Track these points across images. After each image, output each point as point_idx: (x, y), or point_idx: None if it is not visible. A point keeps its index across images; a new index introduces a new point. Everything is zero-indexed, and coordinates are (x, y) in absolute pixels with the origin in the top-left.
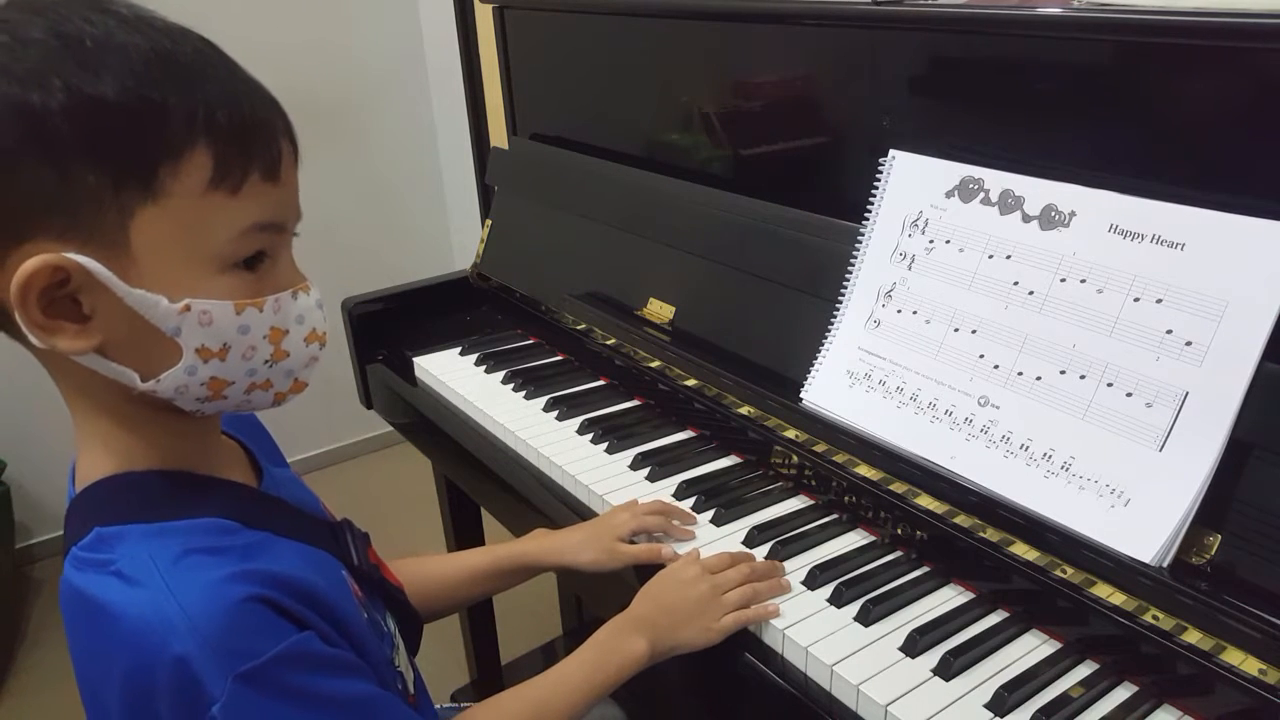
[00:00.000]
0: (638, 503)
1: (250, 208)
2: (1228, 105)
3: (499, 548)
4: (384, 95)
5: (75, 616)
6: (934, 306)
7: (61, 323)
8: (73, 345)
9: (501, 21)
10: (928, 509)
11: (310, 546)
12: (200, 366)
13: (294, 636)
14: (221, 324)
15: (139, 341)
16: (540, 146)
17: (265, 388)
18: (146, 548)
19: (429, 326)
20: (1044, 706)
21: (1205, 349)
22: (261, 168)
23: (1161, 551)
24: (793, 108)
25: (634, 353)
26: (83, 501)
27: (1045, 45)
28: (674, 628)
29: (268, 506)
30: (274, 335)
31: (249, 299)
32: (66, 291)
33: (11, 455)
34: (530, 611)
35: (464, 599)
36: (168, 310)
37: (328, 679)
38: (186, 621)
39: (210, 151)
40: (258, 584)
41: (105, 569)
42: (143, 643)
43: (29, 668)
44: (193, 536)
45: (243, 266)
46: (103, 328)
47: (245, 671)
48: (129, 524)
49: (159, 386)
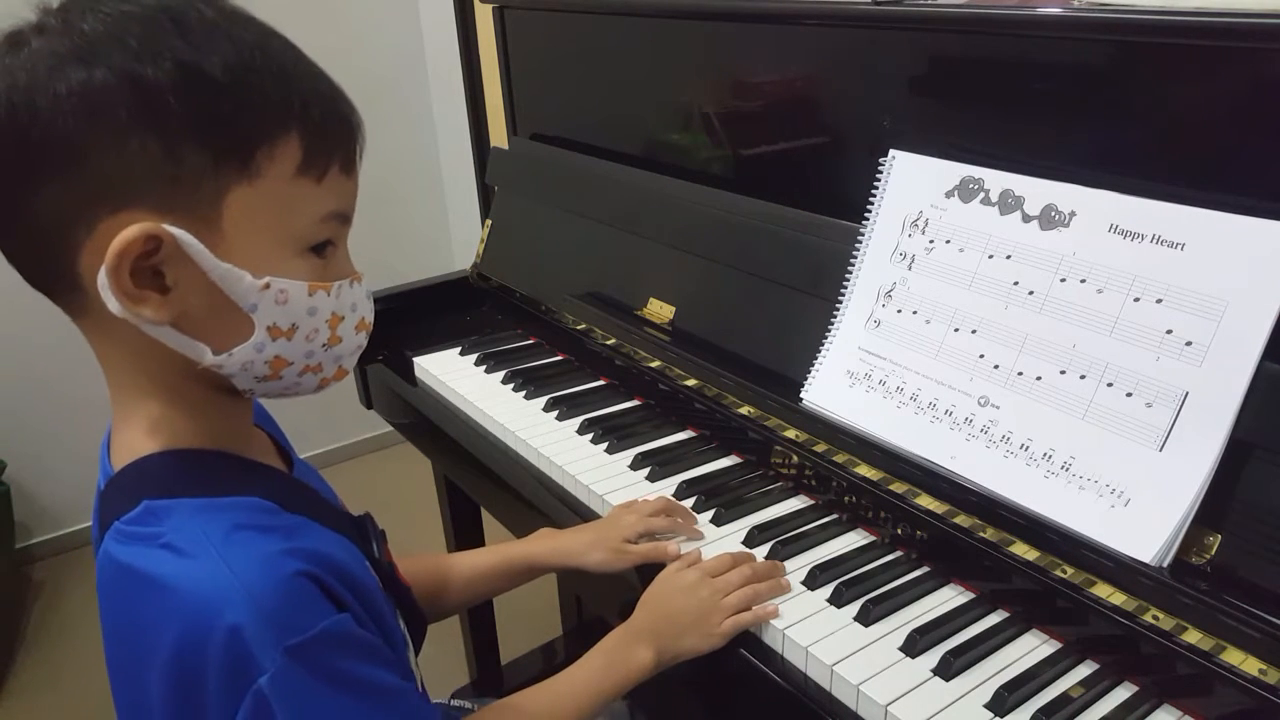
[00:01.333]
0: (643, 502)
1: (329, 197)
2: (1228, 105)
3: (506, 547)
4: (384, 95)
5: (118, 590)
6: (934, 306)
7: (147, 292)
8: (155, 315)
9: (501, 21)
10: (928, 509)
11: (340, 535)
12: (268, 344)
13: (335, 615)
14: (295, 304)
15: (214, 315)
16: (540, 146)
17: (316, 371)
18: (197, 521)
19: (429, 326)
20: (1044, 706)
21: (1205, 349)
22: (341, 160)
23: (1161, 551)
24: (793, 108)
25: (634, 353)
26: (128, 476)
27: (1045, 45)
28: (677, 636)
29: (302, 493)
30: (333, 320)
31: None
32: (152, 262)
33: (11, 455)
34: (530, 611)
35: (472, 598)
36: (250, 286)
37: (364, 664)
38: (242, 592)
39: (301, 140)
40: (306, 560)
41: (154, 542)
42: (198, 613)
43: (29, 668)
44: (240, 513)
45: (313, 252)
46: (183, 299)
47: (294, 645)
48: (178, 498)
49: (228, 361)
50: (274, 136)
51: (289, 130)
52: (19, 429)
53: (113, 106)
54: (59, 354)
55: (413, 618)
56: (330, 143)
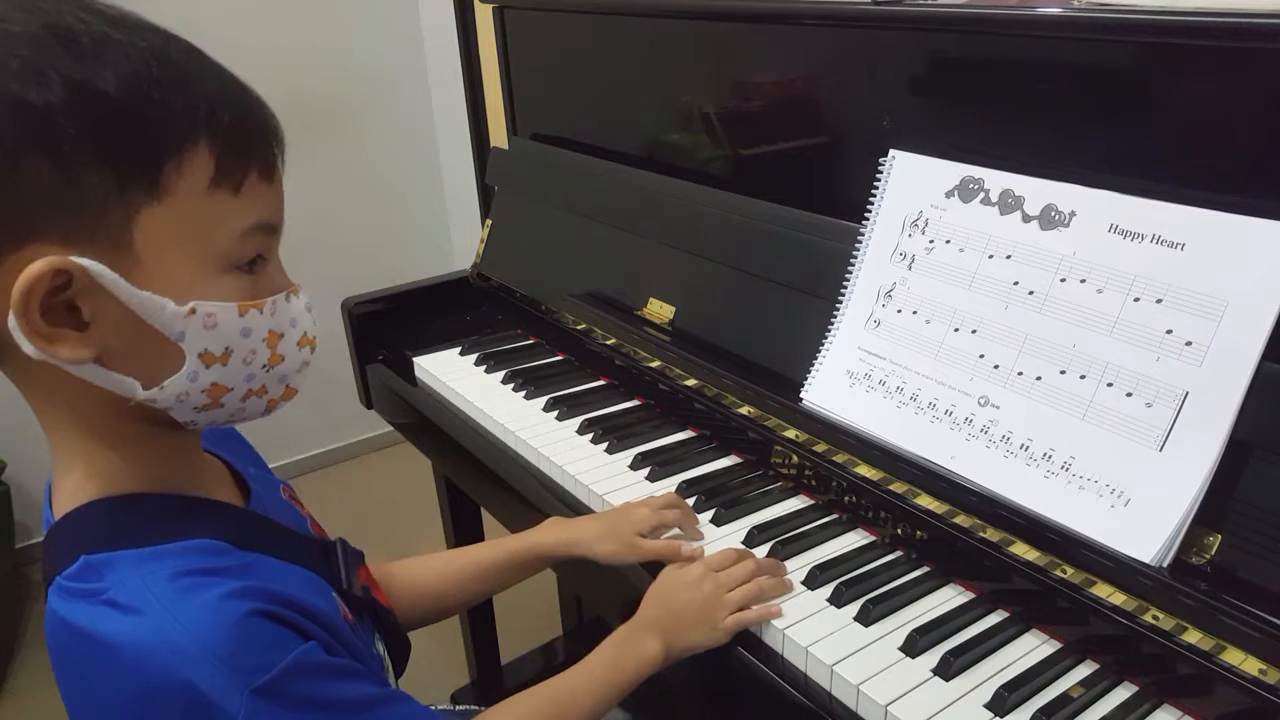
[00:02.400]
0: (654, 497)
1: (250, 207)
2: (1228, 105)
3: (509, 541)
4: (384, 96)
5: (66, 651)
6: (934, 306)
7: (63, 330)
8: (74, 354)
9: (501, 21)
10: (928, 509)
11: (300, 568)
12: (202, 372)
13: (300, 646)
14: (225, 327)
15: (139, 348)
16: (540, 146)
17: (260, 394)
18: (139, 573)
19: (429, 326)
20: (1044, 706)
21: (1205, 349)
22: (259, 166)
23: (1161, 551)
24: (793, 108)
25: (634, 353)
26: (66, 527)
27: (1045, 45)
28: (683, 630)
29: (257, 527)
30: (271, 339)
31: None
32: (65, 298)
33: (11, 455)
34: (530, 611)
35: (473, 596)
36: (174, 313)
37: (338, 684)
38: (194, 644)
39: (211, 149)
40: (257, 599)
41: (96, 599)
42: (147, 671)
43: (29, 668)
44: (185, 558)
45: (241, 269)
46: (102, 334)
47: (260, 685)
48: (118, 550)
49: (161, 395)
50: (181, 149)
51: (197, 141)
52: (19, 429)
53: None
54: None
55: (395, 641)
56: (244, 149)
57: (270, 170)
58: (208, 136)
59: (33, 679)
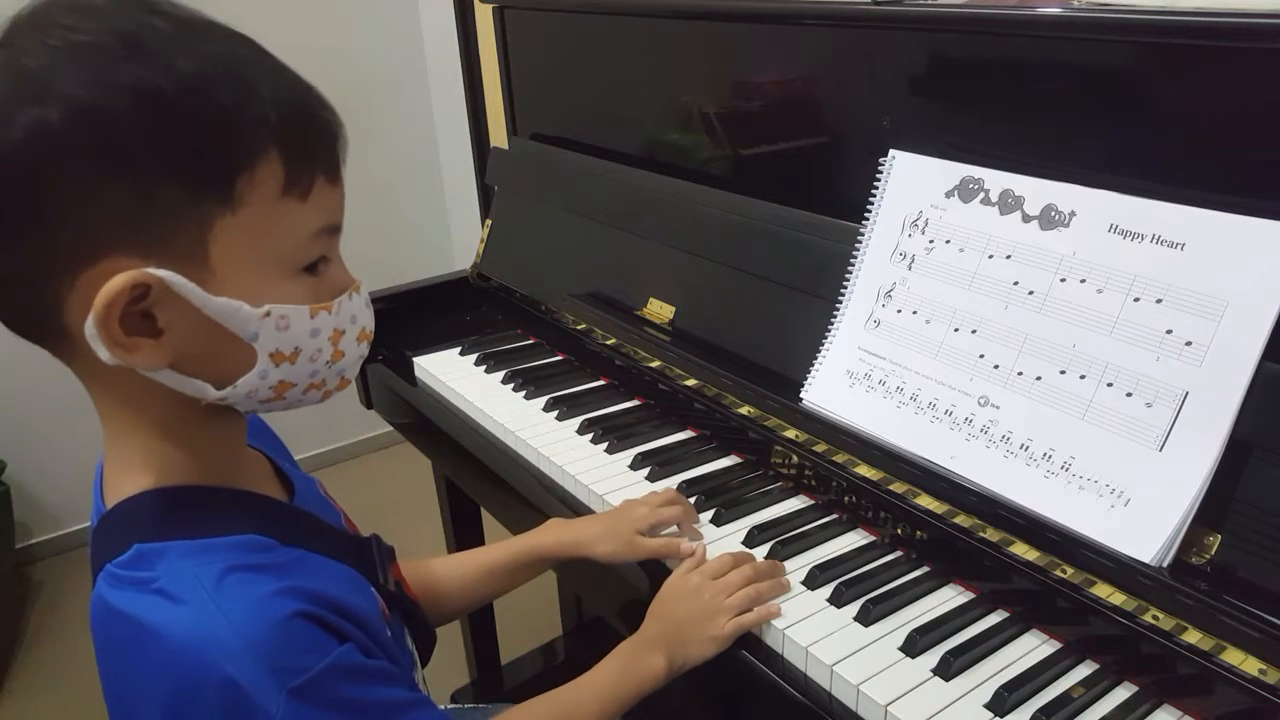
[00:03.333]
0: (653, 494)
1: (317, 212)
2: (1228, 105)
3: (512, 543)
4: (384, 95)
5: (111, 636)
6: (934, 306)
7: (139, 339)
8: (150, 361)
9: (501, 21)
10: (928, 509)
11: (341, 564)
12: (271, 370)
13: (337, 650)
14: (296, 328)
15: (212, 351)
16: (540, 146)
17: (319, 387)
18: (190, 564)
19: (429, 326)
20: (1044, 706)
21: (1205, 349)
22: (325, 170)
23: (1161, 551)
24: (793, 108)
25: (634, 353)
26: (120, 516)
27: (1045, 45)
28: (684, 642)
29: (300, 522)
30: (334, 336)
31: (318, 302)
32: (141, 307)
33: (11, 455)
34: (530, 611)
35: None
36: (249, 316)
37: (373, 688)
38: (237, 639)
39: (281, 158)
40: (300, 599)
41: (147, 587)
42: (191, 662)
43: (29, 668)
44: (233, 554)
45: (306, 270)
46: (176, 341)
47: (297, 686)
48: (170, 541)
49: (233, 394)
50: (254, 161)
51: (267, 151)
52: (19, 429)
53: (74, 150)
54: None
55: (422, 633)
56: (312, 156)
57: (335, 173)
58: (277, 146)
59: (33, 679)
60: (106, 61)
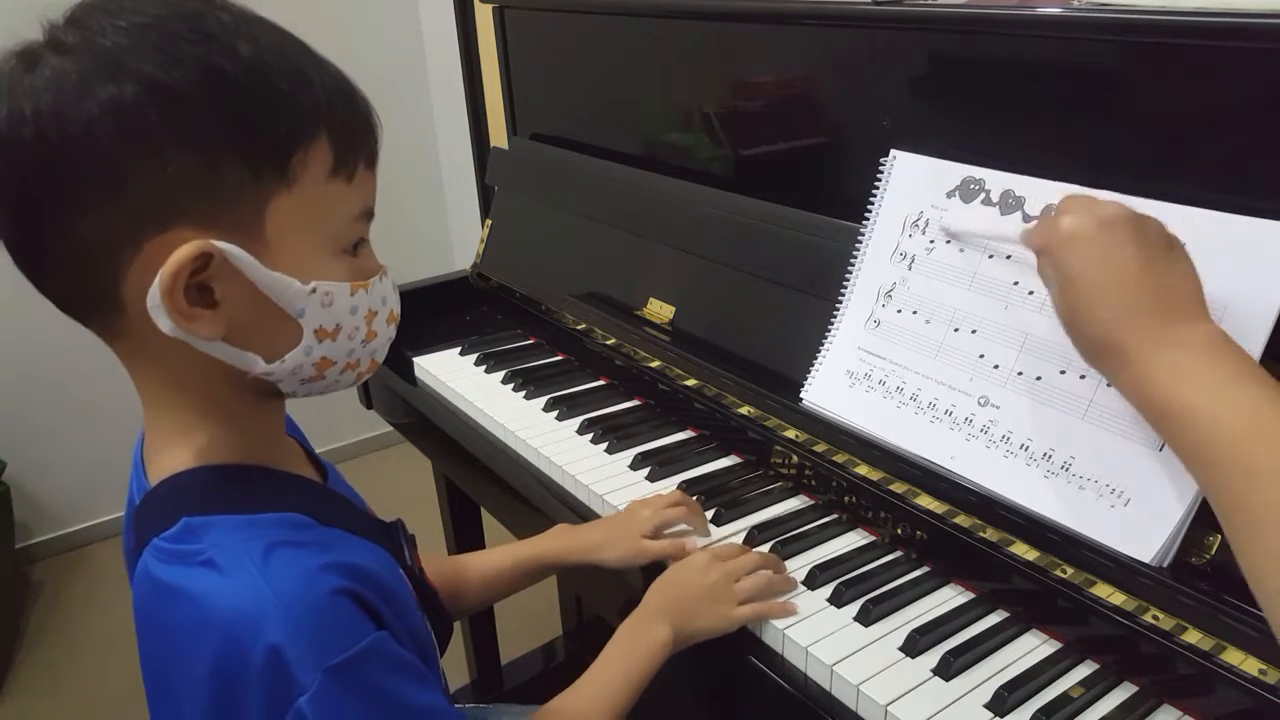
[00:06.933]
0: (657, 496)
1: (359, 195)
2: (1228, 105)
3: (519, 547)
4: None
5: (156, 608)
6: (934, 306)
7: (198, 309)
8: (209, 330)
9: (501, 21)
10: (928, 509)
11: (374, 545)
12: (315, 346)
13: (374, 634)
14: (339, 305)
15: (263, 324)
16: (540, 146)
17: (354, 367)
18: (238, 537)
19: (429, 326)
20: (1044, 706)
21: None
22: (366, 157)
23: (1162, 551)
24: (793, 108)
25: (634, 353)
26: (167, 490)
27: (1045, 45)
28: (691, 615)
29: (336, 503)
30: (369, 316)
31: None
32: (200, 279)
33: (11, 455)
34: (530, 611)
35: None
36: (298, 292)
37: (404, 683)
38: (283, 610)
39: (330, 142)
40: (344, 576)
41: (194, 559)
42: (237, 632)
43: (29, 667)
44: (278, 530)
45: (346, 251)
46: (231, 313)
47: (335, 664)
48: (217, 515)
49: (280, 368)
50: (307, 141)
51: (318, 133)
52: (19, 429)
53: (148, 123)
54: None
55: (439, 620)
56: (357, 141)
57: (373, 160)
58: (327, 130)
59: (33, 679)
60: (175, 43)
